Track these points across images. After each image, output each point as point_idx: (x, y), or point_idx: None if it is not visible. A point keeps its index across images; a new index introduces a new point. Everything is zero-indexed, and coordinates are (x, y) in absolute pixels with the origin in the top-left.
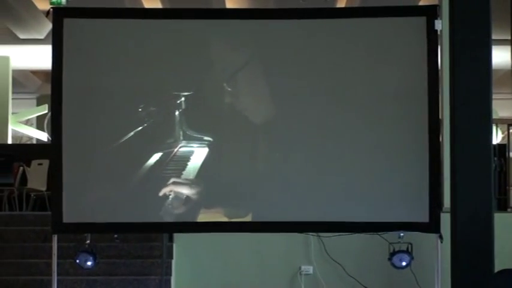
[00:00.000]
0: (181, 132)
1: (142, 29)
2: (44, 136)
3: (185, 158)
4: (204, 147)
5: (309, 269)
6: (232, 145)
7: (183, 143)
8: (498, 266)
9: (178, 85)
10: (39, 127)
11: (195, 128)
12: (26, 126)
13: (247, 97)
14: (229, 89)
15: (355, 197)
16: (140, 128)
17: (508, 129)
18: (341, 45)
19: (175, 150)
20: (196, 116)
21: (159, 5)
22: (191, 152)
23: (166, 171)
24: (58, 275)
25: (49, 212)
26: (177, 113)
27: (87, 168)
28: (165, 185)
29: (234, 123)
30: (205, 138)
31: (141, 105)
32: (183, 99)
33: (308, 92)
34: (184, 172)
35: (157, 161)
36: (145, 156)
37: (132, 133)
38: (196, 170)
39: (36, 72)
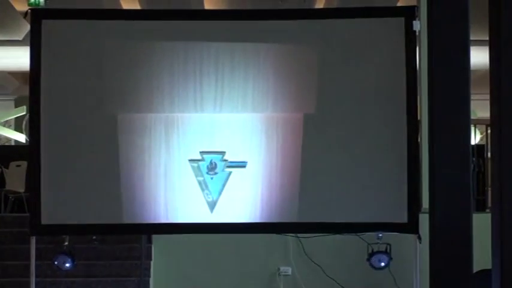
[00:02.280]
0: (160, 133)
1: (120, 30)
2: (22, 138)
3: (163, 160)
4: (181, 147)
5: (287, 269)
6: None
7: (162, 144)
8: (477, 267)
9: (158, 86)
10: (18, 129)
11: (173, 127)
12: (4, 128)
13: (229, 98)
14: (209, 90)
15: (334, 198)
16: (119, 129)
17: (487, 130)
18: (319, 45)
19: (154, 151)
20: (173, 117)
21: (137, 6)
22: (169, 153)
23: (145, 172)
24: (36, 276)
25: (27, 214)
26: (156, 114)
27: (66, 170)
28: (144, 187)
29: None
30: (183, 138)
31: (120, 106)
32: (163, 100)
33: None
34: (162, 173)
35: (136, 162)
36: (124, 158)
37: (110, 134)
38: (175, 172)
39: (14, 74)
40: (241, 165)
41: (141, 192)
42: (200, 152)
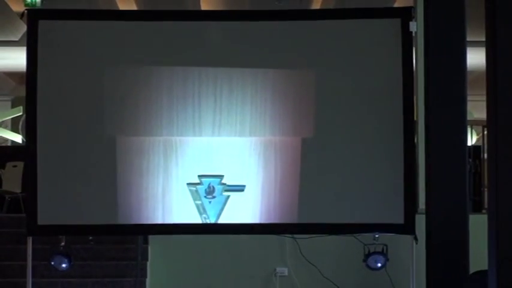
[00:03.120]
0: (159, 135)
1: (117, 30)
2: (18, 138)
3: (160, 161)
4: (178, 149)
5: (284, 270)
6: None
7: (160, 145)
8: (473, 267)
9: (155, 86)
10: (14, 129)
11: (171, 129)
12: (0, 128)
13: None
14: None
15: (330, 199)
16: (116, 130)
17: (483, 131)
18: (316, 46)
19: (151, 152)
20: (169, 117)
21: (134, 7)
22: (166, 155)
23: (142, 173)
24: (33, 277)
25: (24, 214)
26: (154, 114)
27: (62, 170)
28: (141, 187)
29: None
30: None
31: (117, 107)
32: (162, 100)
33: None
34: (159, 174)
35: (133, 163)
36: (121, 159)
37: (107, 135)
38: (172, 173)
39: (10, 74)
40: (240, 189)
41: (138, 193)
42: (198, 176)
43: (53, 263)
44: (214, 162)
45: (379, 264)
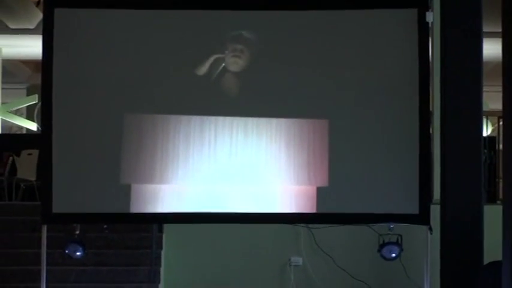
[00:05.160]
0: (173, 124)
1: (134, 18)
2: (34, 126)
3: (175, 150)
4: (193, 138)
5: (298, 260)
6: (221, 136)
7: (174, 133)
8: (487, 258)
9: (173, 76)
10: (29, 117)
11: (187, 100)
12: (15, 116)
13: (237, 89)
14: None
15: (345, 189)
16: (131, 118)
17: (498, 122)
18: (331, 36)
19: (166, 141)
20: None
21: None
22: (180, 144)
23: (156, 162)
24: (47, 265)
25: (39, 202)
26: (170, 103)
27: (77, 159)
28: (155, 176)
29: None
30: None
31: (132, 95)
32: (178, 90)
33: (297, 84)
34: (174, 163)
35: (147, 151)
36: (136, 147)
37: (122, 124)
38: (187, 162)
39: (26, 62)
40: None
41: (153, 181)
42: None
43: (67, 251)
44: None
45: (394, 254)
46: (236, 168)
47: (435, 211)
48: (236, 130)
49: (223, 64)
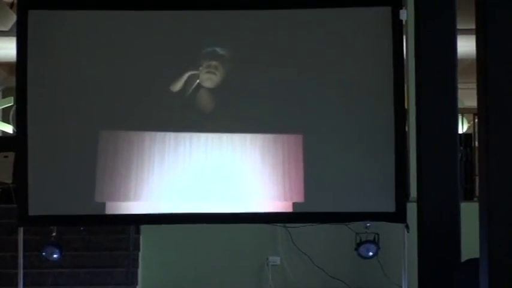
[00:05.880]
0: (148, 140)
1: (108, 19)
2: (9, 128)
3: (153, 148)
4: (167, 155)
5: (276, 259)
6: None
7: (151, 132)
8: (465, 256)
9: (147, 75)
10: (5, 119)
11: (161, 117)
12: None
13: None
14: (197, 79)
15: (322, 187)
16: (106, 119)
17: (474, 119)
18: (306, 36)
19: (144, 140)
20: (161, 106)
21: None
22: (155, 160)
23: (134, 160)
24: (24, 268)
25: (15, 205)
26: (145, 102)
27: (53, 161)
28: (131, 177)
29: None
30: (172, 127)
31: (106, 96)
32: (152, 89)
33: (273, 82)
34: (151, 162)
35: (123, 152)
36: (112, 148)
37: (97, 124)
38: (164, 160)
39: (1, 65)
40: None
41: (129, 183)
42: None
43: (44, 253)
44: None
45: (371, 253)
46: (211, 184)
47: (412, 209)
48: (211, 146)
49: (198, 80)
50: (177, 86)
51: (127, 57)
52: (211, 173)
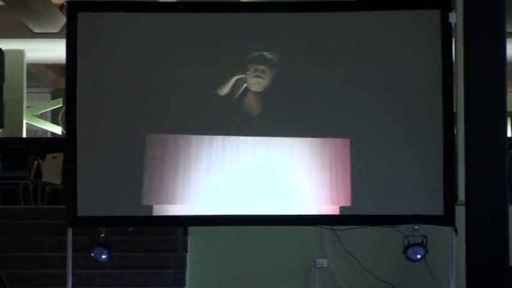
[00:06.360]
0: (195, 144)
1: (157, 22)
2: (58, 130)
3: (200, 151)
4: (215, 158)
5: (323, 262)
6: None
7: (198, 136)
8: None
9: (194, 79)
10: (54, 121)
11: (209, 121)
12: (40, 120)
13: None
14: (244, 83)
15: (370, 190)
16: (154, 122)
17: None
18: (354, 38)
19: (191, 144)
20: (208, 110)
21: None
22: (205, 146)
23: (182, 164)
24: (73, 268)
25: (64, 206)
26: (192, 106)
27: (102, 162)
28: (178, 180)
29: (248, 116)
30: (220, 130)
31: (156, 99)
32: (200, 93)
33: (320, 86)
34: (199, 166)
35: (170, 155)
36: (159, 151)
37: (144, 127)
38: (211, 164)
39: (50, 66)
40: None
41: (178, 184)
42: None
43: (92, 254)
44: None
45: (419, 256)
46: (258, 188)
47: (460, 212)
48: (258, 150)
49: (245, 84)
50: (225, 90)
51: (175, 61)
52: (258, 177)
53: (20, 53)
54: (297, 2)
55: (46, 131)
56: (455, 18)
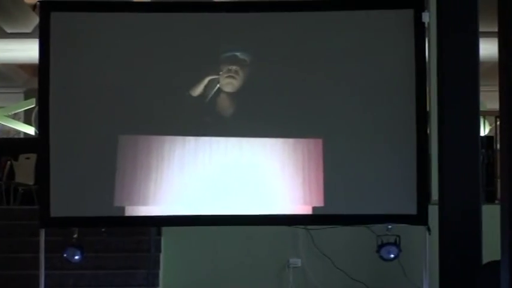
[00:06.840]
0: (168, 126)
1: (130, 23)
2: (31, 130)
3: (172, 152)
4: (187, 159)
5: (297, 261)
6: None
7: (171, 136)
8: (486, 258)
9: (167, 80)
10: (27, 121)
11: (182, 121)
12: (13, 121)
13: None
14: (217, 84)
15: (343, 190)
16: (126, 122)
17: (496, 121)
18: (326, 38)
19: (163, 144)
20: (181, 110)
21: None
22: (178, 146)
23: (154, 164)
24: (46, 269)
25: (37, 206)
26: (165, 107)
27: (75, 162)
28: (150, 181)
29: (221, 116)
30: (192, 131)
31: (128, 100)
32: (172, 94)
33: (293, 86)
34: (171, 166)
35: (143, 156)
36: (131, 152)
37: (117, 128)
38: (184, 164)
39: (23, 66)
40: None
41: (151, 184)
42: None
43: (65, 255)
44: None
45: (392, 255)
46: (231, 188)
47: (433, 211)
48: (231, 150)
49: (218, 85)
50: (197, 90)
51: (148, 62)
52: (231, 177)
53: None
54: (270, 2)
55: (19, 132)
56: (429, 17)
